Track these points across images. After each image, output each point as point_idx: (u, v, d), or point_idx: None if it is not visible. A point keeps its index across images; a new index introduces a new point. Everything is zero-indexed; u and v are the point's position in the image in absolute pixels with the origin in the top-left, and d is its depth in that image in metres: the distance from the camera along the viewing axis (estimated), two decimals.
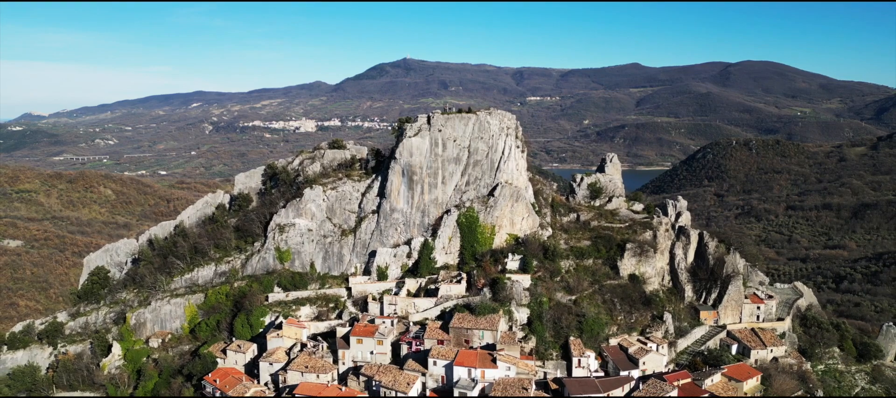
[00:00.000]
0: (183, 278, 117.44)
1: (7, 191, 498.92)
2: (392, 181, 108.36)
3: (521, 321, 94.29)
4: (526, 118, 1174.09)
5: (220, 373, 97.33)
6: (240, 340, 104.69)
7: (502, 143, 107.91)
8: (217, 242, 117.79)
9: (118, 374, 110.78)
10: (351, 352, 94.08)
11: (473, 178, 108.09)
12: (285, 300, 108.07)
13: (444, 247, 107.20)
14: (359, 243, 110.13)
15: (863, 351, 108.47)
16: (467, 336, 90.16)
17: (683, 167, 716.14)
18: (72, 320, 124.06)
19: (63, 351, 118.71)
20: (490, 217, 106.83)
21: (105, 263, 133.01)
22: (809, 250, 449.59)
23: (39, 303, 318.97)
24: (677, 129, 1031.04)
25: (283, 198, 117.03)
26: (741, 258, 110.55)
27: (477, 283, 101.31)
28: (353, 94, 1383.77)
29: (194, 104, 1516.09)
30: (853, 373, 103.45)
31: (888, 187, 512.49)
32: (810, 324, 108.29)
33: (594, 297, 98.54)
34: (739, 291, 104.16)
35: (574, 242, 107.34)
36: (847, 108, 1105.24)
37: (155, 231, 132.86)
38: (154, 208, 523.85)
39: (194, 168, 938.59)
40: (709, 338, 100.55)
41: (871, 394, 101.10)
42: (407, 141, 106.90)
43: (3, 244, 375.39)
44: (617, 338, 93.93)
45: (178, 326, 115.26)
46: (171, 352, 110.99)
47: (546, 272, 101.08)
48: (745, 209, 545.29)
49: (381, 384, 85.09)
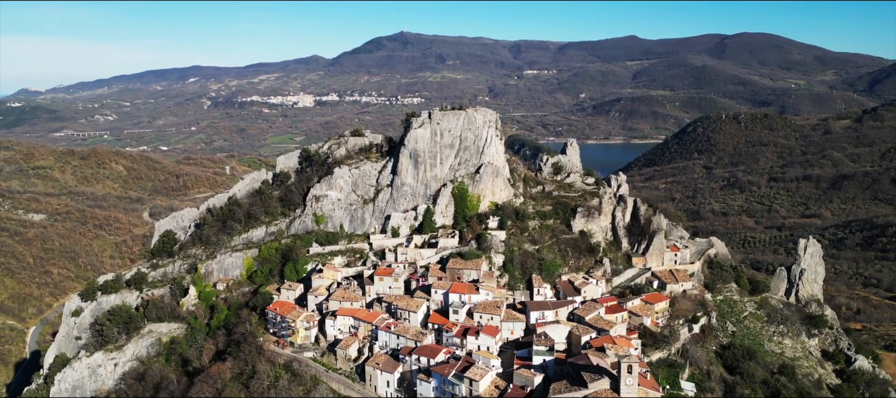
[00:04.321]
0: (240, 237, 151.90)
1: (23, 167, 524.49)
2: (402, 162, 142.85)
3: (498, 264, 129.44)
4: (523, 92, 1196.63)
5: (278, 304, 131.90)
6: (289, 282, 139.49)
7: (485, 133, 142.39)
8: (266, 209, 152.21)
9: (195, 309, 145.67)
10: (375, 288, 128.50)
11: (464, 160, 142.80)
12: (322, 252, 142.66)
13: (442, 211, 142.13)
14: (377, 209, 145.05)
15: (754, 287, 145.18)
16: (459, 274, 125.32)
17: (675, 140, 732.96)
18: (152, 271, 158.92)
19: (148, 294, 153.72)
20: (476, 189, 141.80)
21: (172, 227, 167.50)
22: (786, 219, 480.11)
23: (71, 271, 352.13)
24: (672, 103, 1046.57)
25: (317, 175, 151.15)
26: (665, 218, 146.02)
27: (466, 238, 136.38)
28: (350, 68, 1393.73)
29: (191, 79, 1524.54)
30: (744, 302, 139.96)
31: (867, 159, 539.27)
32: (715, 267, 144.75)
33: (552, 247, 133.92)
34: (662, 242, 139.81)
35: (539, 207, 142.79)
36: (841, 79, 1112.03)
37: (212, 201, 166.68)
38: (164, 183, 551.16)
39: (195, 143, 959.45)
40: (637, 276, 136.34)
41: (757, 317, 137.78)
42: (413, 131, 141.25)
43: (28, 218, 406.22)
44: (567, 276, 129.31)
45: (238, 274, 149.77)
46: (235, 293, 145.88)
47: (517, 229, 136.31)
48: (731, 181, 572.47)
49: (397, 307, 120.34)
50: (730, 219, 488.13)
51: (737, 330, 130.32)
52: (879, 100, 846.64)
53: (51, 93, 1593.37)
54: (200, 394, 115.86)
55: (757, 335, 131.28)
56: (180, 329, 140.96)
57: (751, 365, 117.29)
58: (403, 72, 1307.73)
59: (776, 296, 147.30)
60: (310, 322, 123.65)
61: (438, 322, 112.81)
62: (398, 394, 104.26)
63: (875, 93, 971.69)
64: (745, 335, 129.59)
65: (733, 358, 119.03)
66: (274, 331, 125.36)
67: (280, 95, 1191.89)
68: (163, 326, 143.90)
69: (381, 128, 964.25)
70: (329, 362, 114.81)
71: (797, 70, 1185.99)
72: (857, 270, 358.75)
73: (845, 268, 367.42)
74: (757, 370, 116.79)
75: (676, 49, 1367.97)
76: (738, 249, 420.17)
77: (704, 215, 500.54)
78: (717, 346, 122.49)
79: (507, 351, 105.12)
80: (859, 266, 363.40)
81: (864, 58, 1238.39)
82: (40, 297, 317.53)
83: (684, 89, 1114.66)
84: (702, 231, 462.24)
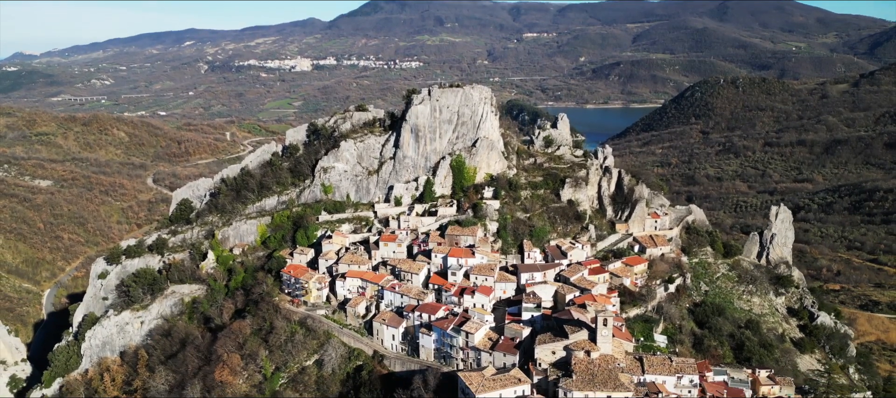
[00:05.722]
0: (253, 206, 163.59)
1: (26, 133, 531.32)
2: (404, 136, 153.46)
3: (493, 230, 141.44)
4: (522, 55, 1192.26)
5: (292, 267, 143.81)
6: (301, 247, 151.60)
7: (481, 109, 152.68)
8: (277, 180, 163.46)
9: (214, 272, 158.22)
10: (380, 252, 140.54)
11: (461, 134, 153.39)
12: (330, 220, 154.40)
13: (441, 182, 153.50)
14: (381, 180, 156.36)
15: (727, 250, 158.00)
16: (457, 239, 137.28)
17: (672, 105, 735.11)
18: (171, 237, 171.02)
19: (170, 258, 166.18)
20: (473, 161, 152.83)
21: (188, 196, 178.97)
22: (778, 184, 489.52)
23: (80, 236, 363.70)
24: (672, 66, 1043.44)
25: (324, 147, 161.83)
26: (647, 188, 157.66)
27: (464, 206, 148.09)
28: (347, 31, 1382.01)
29: (187, 42, 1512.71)
30: (718, 264, 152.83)
31: (861, 124, 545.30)
32: (693, 232, 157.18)
33: (542, 215, 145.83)
34: (643, 210, 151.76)
35: (531, 178, 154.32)
36: (842, 42, 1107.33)
37: (226, 172, 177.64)
38: (166, 149, 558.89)
39: (193, 108, 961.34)
40: (620, 241, 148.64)
41: (728, 277, 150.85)
42: (414, 108, 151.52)
43: (35, 184, 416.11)
44: (555, 241, 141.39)
45: (253, 240, 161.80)
46: (251, 257, 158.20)
47: (510, 199, 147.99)
48: (727, 146, 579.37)
49: (401, 270, 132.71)
50: (724, 184, 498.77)
51: (709, 289, 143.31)
52: (880, 63, 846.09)
53: (46, 56, 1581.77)
54: (224, 347, 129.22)
55: (727, 294, 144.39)
56: (201, 290, 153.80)
57: (719, 320, 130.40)
58: (401, 35, 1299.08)
59: (748, 259, 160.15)
60: (321, 283, 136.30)
61: (438, 283, 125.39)
62: (403, 346, 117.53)
63: (875, 56, 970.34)
64: (716, 294, 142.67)
65: (704, 314, 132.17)
66: (288, 292, 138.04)
67: (277, 59, 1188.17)
68: (184, 287, 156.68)
69: (379, 93, 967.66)
70: (340, 319, 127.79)
71: (798, 32, 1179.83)
72: (843, 234, 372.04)
73: (831, 232, 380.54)
74: (724, 325, 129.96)
75: (678, 11, 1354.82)
76: (729, 214, 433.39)
77: (699, 180, 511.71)
78: (690, 304, 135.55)
79: (500, 308, 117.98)
80: (845, 229, 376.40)
81: (865, 20, 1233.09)
82: (53, 261, 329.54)
83: (684, 53, 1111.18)
84: (696, 196, 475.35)
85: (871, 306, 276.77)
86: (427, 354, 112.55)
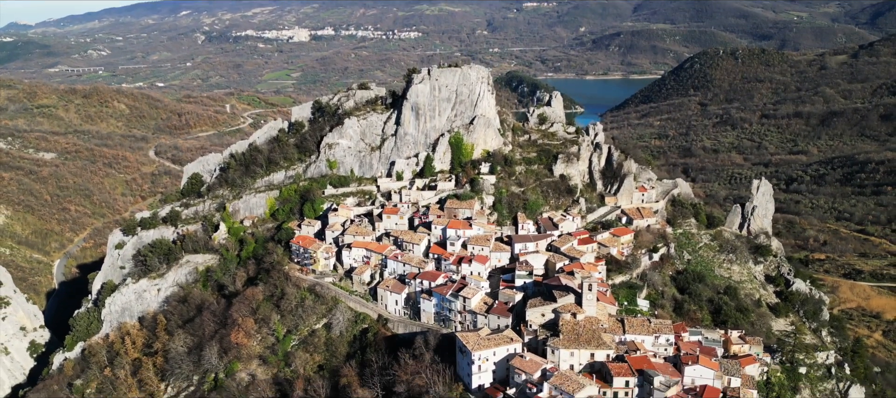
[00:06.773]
0: (262, 180, 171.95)
1: (28, 106, 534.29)
2: (405, 114, 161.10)
3: (489, 204, 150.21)
4: (522, 25, 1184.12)
5: (301, 238, 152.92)
6: (308, 219, 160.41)
7: (478, 88, 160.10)
8: (284, 155, 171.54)
9: (226, 242, 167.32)
10: (383, 224, 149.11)
11: (459, 112, 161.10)
12: (336, 194, 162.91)
13: (441, 158, 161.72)
14: (383, 156, 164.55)
15: (711, 221, 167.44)
16: (455, 212, 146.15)
17: (672, 77, 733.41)
18: (184, 209, 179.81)
19: (184, 229, 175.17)
20: (470, 138, 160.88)
21: (199, 170, 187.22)
22: (773, 156, 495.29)
23: (87, 208, 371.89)
24: (672, 37, 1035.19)
25: (328, 124, 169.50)
26: (635, 163, 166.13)
27: (462, 181, 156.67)
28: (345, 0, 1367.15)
29: (183, 12, 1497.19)
30: (701, 235, 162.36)
31: (858, 95, 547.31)
32: (678, 205, 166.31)
33: (535, 189, 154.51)
34: (631, 184, 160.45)
35: (525, 154, 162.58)
36: (844, 12, 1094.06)
37: (235, 147, 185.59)
38: (166, 122, 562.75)
39: (191, 79, 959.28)
40: (609, 214, 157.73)
41: (710, 247, 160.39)
42: (414, 87, 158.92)
43: (39, 156, 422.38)
44: (548, 214, 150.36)
45: (262, 212, 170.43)
46: (261, 229, 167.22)
47: (506, 174, 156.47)
48: (724, 118, 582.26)
49: (403, 240, 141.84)
50: (720, 156, 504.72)
51: (692, 258, 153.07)
52: (881, 33, 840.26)
53: (41, 27, 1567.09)
54: (239, 312, 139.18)
55: (709, 262, 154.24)
56: (214, 259, 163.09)
57: (699, 286, 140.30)
58: (400, 4, 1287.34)
59: (730, 230, 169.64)
60: (329, 253, 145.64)
61: (438, 252, 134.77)
62: (405, 310, 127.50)
63: (877, 26, 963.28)
64: (698, 262, 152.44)
65: (685, 281, 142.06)
66: (298, 261, 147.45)
67: (275, 30, 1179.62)
68: (198, 257, 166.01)
69: (378, 64, 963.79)
70: (346, 286, 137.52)
71: (801, 1, 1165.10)
72: (833, 205, 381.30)
73: (822, 203, 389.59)
74: (704, 290, 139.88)
75: None
76: (724, 186, 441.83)
77: (696, 152, 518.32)
78: (673, 272, 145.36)
79: (495, 275, 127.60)
80: (835, 201, 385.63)
81: None
82: (61, 233, 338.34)
83: (685, 23, 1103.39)
84: (692, 168, 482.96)
85: (855, 275, 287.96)
86: (427, 318, 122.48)
